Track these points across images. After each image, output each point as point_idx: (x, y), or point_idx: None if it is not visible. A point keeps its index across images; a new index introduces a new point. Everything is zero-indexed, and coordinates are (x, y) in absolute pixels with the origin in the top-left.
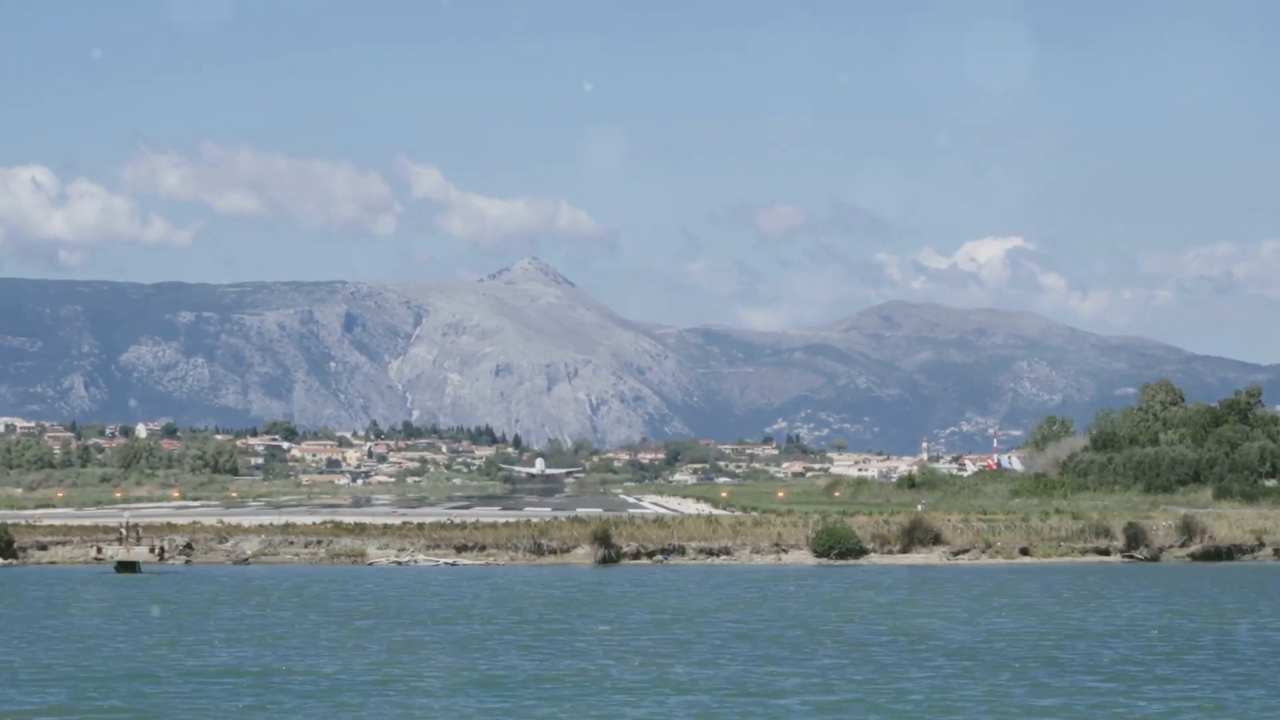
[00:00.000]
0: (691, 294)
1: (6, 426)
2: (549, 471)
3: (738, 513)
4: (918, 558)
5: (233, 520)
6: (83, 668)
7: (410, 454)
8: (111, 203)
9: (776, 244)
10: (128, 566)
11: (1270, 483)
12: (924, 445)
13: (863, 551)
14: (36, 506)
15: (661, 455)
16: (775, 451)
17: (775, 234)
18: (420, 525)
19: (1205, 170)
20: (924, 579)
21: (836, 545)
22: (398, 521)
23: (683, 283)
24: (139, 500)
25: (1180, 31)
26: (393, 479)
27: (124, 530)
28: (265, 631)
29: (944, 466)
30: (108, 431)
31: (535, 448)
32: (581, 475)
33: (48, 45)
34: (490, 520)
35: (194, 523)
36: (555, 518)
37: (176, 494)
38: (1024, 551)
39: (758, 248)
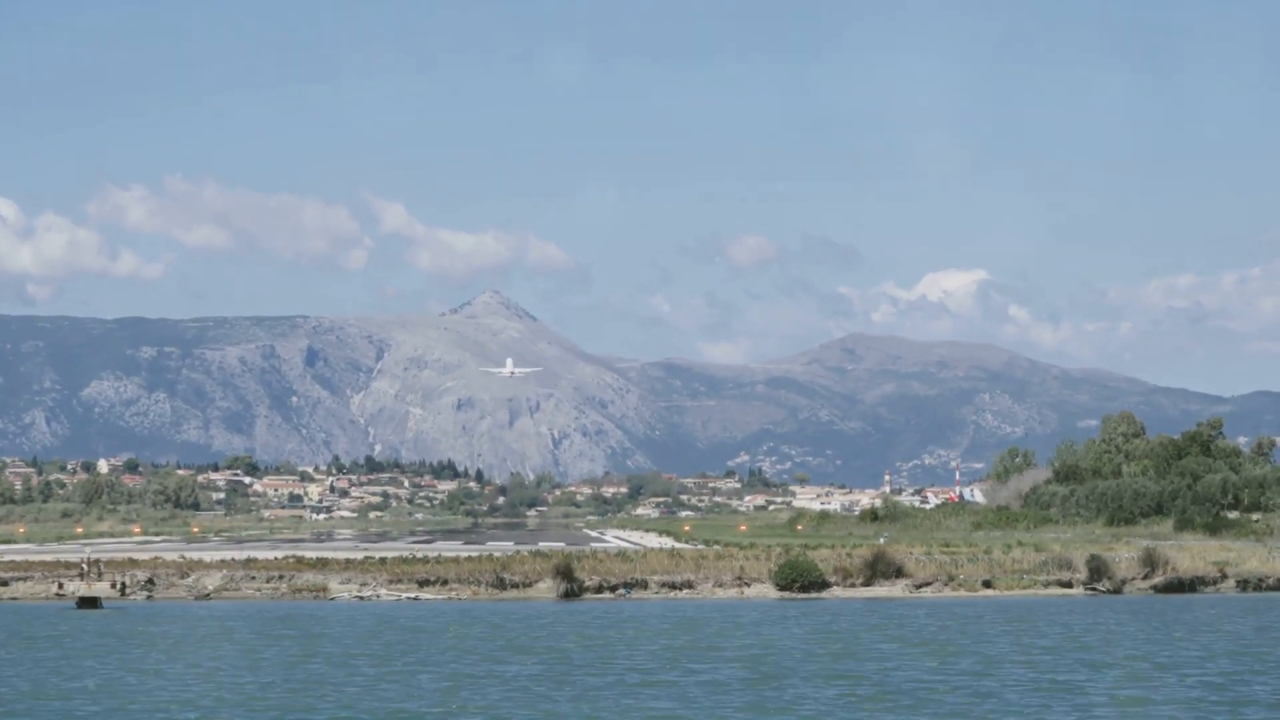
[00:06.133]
0: (660, 327)
1: None
2: (517, 371)
3: (700, 546)
4: (880, 591)
5: (194, 555)
6: None
7: (372, 488)
8: (78, 236)
9: (746, 276)
10: (89, 602)
11: (1232, 514)
12: (886, 478)
13: (825, 585)
14: None
15: (624, 489)
16: (737, 485)
17: (746, 266)
18: (383, 560)
19: (1166, 203)
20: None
21: (799, 579)
22: (360, 556)
23: (653, 316)
24: (101, 536)
25: (1147, 65)
26: (355, 513)
27: (86, 566)
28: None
29: (906, 499)
30: (69, 467)
31: (497, 482)
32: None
33: (9, 79)
34: (453, 555)
35: (156, 558)
36: (518, 552)
37: (138, 529)
38: (987, 584)
39: (728, 280)
